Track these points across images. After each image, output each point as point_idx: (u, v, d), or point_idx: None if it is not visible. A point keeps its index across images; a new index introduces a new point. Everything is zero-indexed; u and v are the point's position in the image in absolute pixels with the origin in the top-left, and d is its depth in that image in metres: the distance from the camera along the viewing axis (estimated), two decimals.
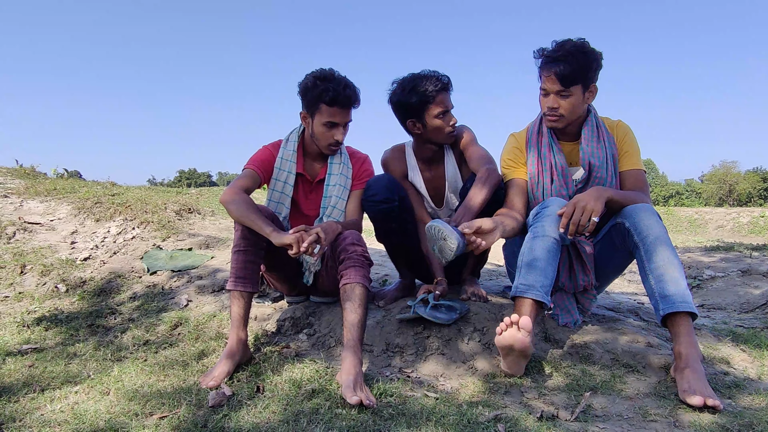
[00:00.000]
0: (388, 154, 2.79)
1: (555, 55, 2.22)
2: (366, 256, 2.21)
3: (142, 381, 2.05)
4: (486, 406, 1.81)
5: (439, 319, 2.29)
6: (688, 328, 1.95)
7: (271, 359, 2.23)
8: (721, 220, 14.26)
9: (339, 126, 2.43)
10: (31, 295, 3.29)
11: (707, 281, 4.00)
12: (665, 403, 1.84)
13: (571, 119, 2.34)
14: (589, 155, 2.34)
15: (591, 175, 2.35)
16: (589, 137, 2.37)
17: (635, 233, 2.09)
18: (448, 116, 2.53)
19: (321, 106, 2.37)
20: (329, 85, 2.34)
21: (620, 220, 2.17)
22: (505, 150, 2.56)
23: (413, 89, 2.48)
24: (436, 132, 2.56)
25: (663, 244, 2.04)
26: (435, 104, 2.49)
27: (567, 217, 2.06)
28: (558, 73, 2.21)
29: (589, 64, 2.24)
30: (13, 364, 2.28)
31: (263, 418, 1.73)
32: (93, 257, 3.86)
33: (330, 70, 2.42)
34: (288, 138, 2.58)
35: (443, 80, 2.50)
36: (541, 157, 2.41)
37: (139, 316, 2.89)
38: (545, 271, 2.09)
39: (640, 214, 2.10)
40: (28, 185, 5.67)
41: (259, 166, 2.50)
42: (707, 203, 45.72)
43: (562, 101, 2.28)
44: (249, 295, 2.25)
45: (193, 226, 4.70)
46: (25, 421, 1.75)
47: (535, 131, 2.47)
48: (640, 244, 2.08)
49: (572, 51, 2.20)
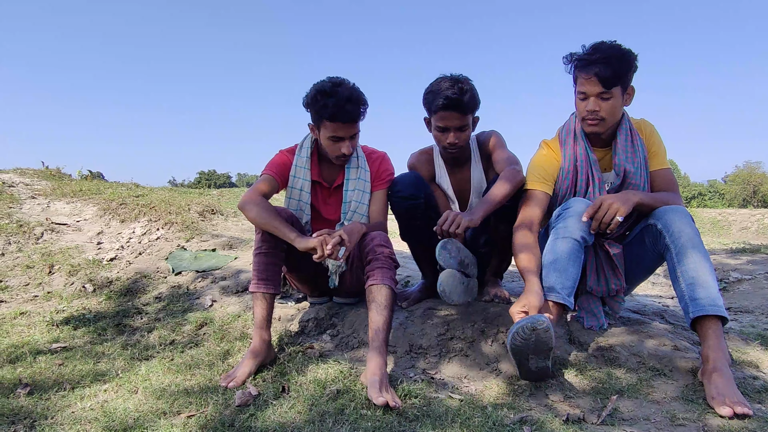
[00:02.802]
0: (416, 157, 2.75)
1: (593, 58, 2.18)
2: (393, 258, 2.22)
3: (169, 380, 2.08)
4: (511, 409, 1.81)
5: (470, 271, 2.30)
6: (717, 331, 1.93)
7: (295, 359, 2.25)
8: (746, 221, 14.02)
9: (344, 140, 2.37)
10: (60, 294, 3.36)
11: (733, 284, 3.93)
12: (693, 407, 1.81)
13: (612, 123, 2.28)
14: (625, 162, 2.29)
15: (625, 181, 2.30)
16: (624, 143, 2.31)
17: (667, 235, 2.07)
18: (446, 134, 2.45)
19: (324, 121, 2.33)
20: (329, 101, 2.27)
21: (652, 221, 2.14)
22: (537, 157, 2.45)
23: (427, 93, 2.46)
24: (436, 140, 2.55)
25: (695, 247, 2.01)
26: (436, 118, 2.44)
27: (593, 209, 2.05)
28: (599, 75, 2.16)
29: (629, 65, 2.21)
30: (44, 362, 2.33)
31: (289, 418, 1.74)
32: (119, 257, 3.92)
33: (334, 81, 2.34)
34: (302, 145, 2.56)
35: (450, 98, 2.36)
36: (577, 166, 2.35)
37: (165, 316, 2.93)
38: (567, 272, 2.08)
39: (673, 216, 2.08)
40: (55, 186, 5.77)
41: (276, 171, 2.50)
42: (730, 204, 44.97)
43: (603, 104, 2.21)
44: (271, 297, 2.27)
45: (216, 227, 4.75)
46: (56, 419, 1.79)
47: (570, 137, 2.39)
48: (671, 246, 2.06)
49: (610, 53, 2.17)
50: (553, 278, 2.08)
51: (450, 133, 2.43)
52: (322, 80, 2.38)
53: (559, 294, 2.05)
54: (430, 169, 2.72)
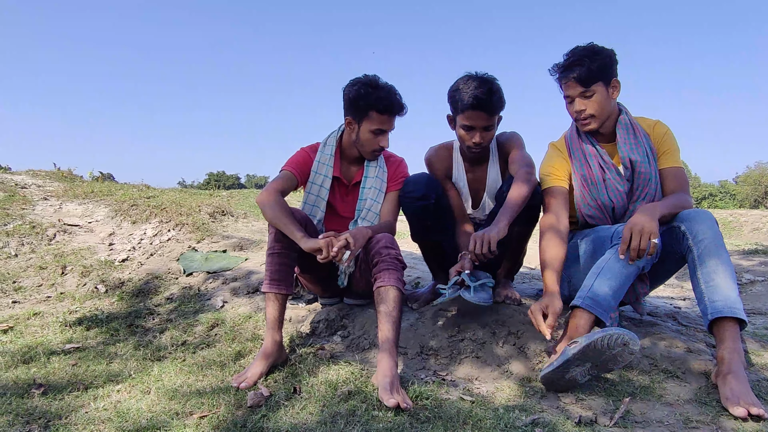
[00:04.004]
0: (434, 151, 2.73)
1: (568, 62, 2.29)
2: (399, 259, 2.22)
3: (182, 381, 2.09)
4: (522, 411, 1.80)
5: (484, 301, 2.25)
6: (733, 333, 1.92)
7: (306, 360, 2.26)
8: (757, 222, 13.86)
9: (386, 133, 2.47)
10: (72, 295, 3.39)
11: (746, 285, 3.90)
12: (707, 410, 1.80)
13: (603, 117, 2.34)
14: (628, 152, 2.34)
15: (635, 171, 2.33)
16: (624, 135, 2.36)
17: (690, 237, 2.07)
18: (471, 132, 2.44)
19: (371, 113, 2.40)
20: (381, 93, 2.38)
21: (676, 223, 2.14)
22: (547, 157, 2.53)
23: (454, 91, 2.44)
24: (460, 139, 2.54)
25: (717, 250, 2.02)
26: (462, 117, 2.43)
27: (625, 243, 2.04)
28: (576, 77, 2.26)
29: (603, 60, 2.27)
30: (58, 362, 2.35)
31: (301, 419, 1.75)
32: (131, 258, 3.95)
33: (375, 77, 2.45)
34: (326, 142, 2.60)
35: (479, 98, 2.35)
36: (587, 158, 2.40)
37: (177, 317, 2.94)
38: (620, 292, 2.09)
39: (698, 218, 2.09)
40: (67, 188, 5.83)
41: (296, 168, 2.53)
42: (742, 205, 44.56)
43: (588, 101, 2.30)
44: (284, 297, 2.28)
45: (226, 228, 4.77)
46: (70, 419, 1.80)
47: (575, 136, 2.46)
48: (693, 248, 2.06)
49: (583, 53, 2.27)
50: (604, 289, 2.07)
51: (476, 133, 2.43)
52: (360, 77, 2.45)
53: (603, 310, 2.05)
54: (447, 165, 2.71)
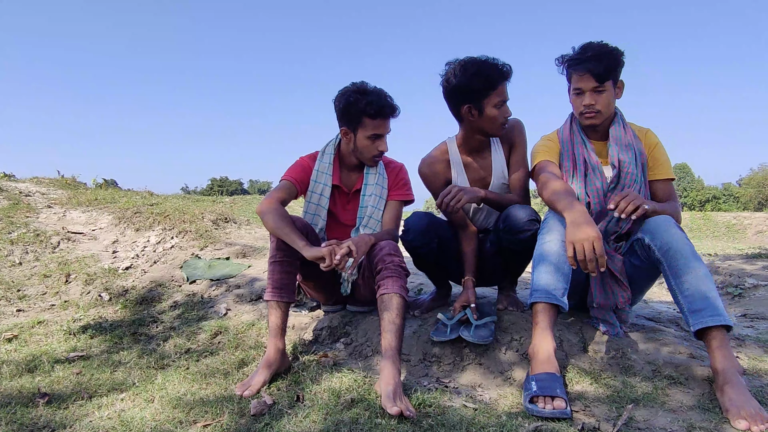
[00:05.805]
0: (428, 166, 2.66)
1: (585, 56, 2.32)
2: (403, 266, 2.23)
3: (185, 389, 2.10)
4: (526, 418, 1.80)
5: (484, 339, 2.26)
6: (722, 341, 1.90)
7: (309, 368, 2.26)
8: (761, 225, 13.87)
9: (383, 137, 2.48)
10: (76, 303, 3.40)
11: (749, 290, 3.90)
12: (710, 417, 1.80)
13: (607, 115, 2.39)
14: (618, 152, 2.36)
15: (621, 172, 2.35)
16: (617, 135, 2.40)
17: (655, 249, 2.06)
18: (504, 107, 2.44)
19: (364, 120, 2.40)
20: (370, 98, 2.38)
21: (640, 235, 2.15)
22: (538, 144, 2.55)
23: (477, 73, 2.36)
24: (490, 122, 2.45)
25: (685, 257, 1.99)
26: (496, 93, 2.39)
27: (620, 196, 2.09)
28: (592, 71, 2.29)
29: (617, 61, 2.33)
30: (62, 371, 2.36)
31: (304, 427, 1.75)
32: (134, 266, 3.96)
33: (363, 83, 2.45)
34: (324, 150, 2.61)
35: (506, 69, 2.39)
36: (575, 154, 2.44)
37: (180, 325, 2.95)
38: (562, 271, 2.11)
39: (657, 228, 2.08)
40: (70, 195, 5.86)
41: (295, 177, 2.54)
42: (745, 208, 44.51)
43: (599, 97, 2.34)
44: (286, 305, 2.29)
45: (229, 235, 4.79)
46: (75, 428, 1.81)
47: (567, 131, 2.50)
48: (662, 259, 2.04)
49: (600, 50, 2.32)
50: (545, 277, 2.09)
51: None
52: (348, 86, 2.46)
53: (551, 295, 2.06)
54: (444, 176, 2.65)
